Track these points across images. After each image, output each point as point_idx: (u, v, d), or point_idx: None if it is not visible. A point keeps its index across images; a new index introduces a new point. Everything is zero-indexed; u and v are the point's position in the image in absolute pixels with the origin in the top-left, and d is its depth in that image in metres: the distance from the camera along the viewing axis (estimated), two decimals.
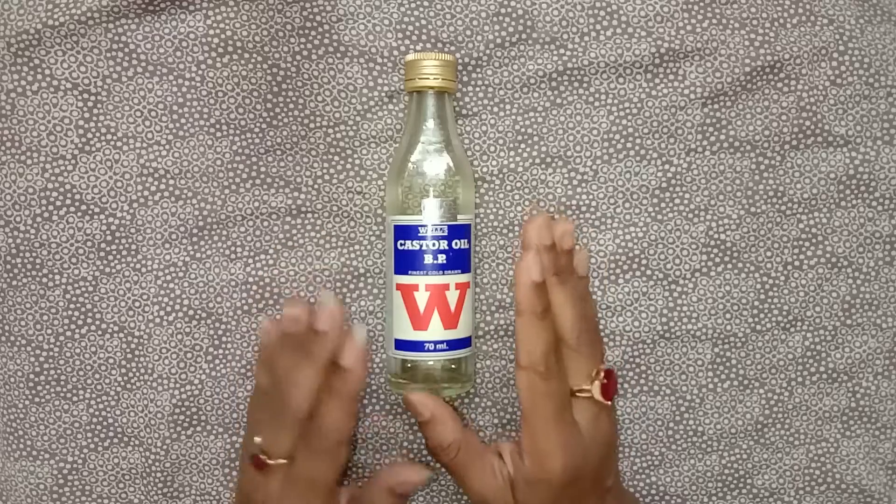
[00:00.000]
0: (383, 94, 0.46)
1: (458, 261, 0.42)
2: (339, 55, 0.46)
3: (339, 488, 0.42)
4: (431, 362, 0.42)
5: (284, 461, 0.39)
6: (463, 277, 0.42)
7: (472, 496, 0.40)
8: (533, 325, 0.37)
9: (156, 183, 0.46)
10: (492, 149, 0.47)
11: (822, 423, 0.49)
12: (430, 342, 0.42)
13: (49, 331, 0.47)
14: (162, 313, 0.47)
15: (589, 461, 0.38)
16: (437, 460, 0.40)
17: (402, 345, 0.42)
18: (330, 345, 0.38)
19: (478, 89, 0.46)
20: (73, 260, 0.47)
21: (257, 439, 0.40)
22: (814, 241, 0.48)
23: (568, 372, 0.39)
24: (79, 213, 0.46)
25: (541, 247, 0.37)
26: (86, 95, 0.46)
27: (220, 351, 0.47)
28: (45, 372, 0.47)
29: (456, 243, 0.42)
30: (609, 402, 0.39)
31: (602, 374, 0.39)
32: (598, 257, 0.47)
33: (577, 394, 0.39)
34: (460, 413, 0.48)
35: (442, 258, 0.42)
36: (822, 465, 0.50)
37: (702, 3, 0.46)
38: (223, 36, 0.46)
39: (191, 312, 0.47)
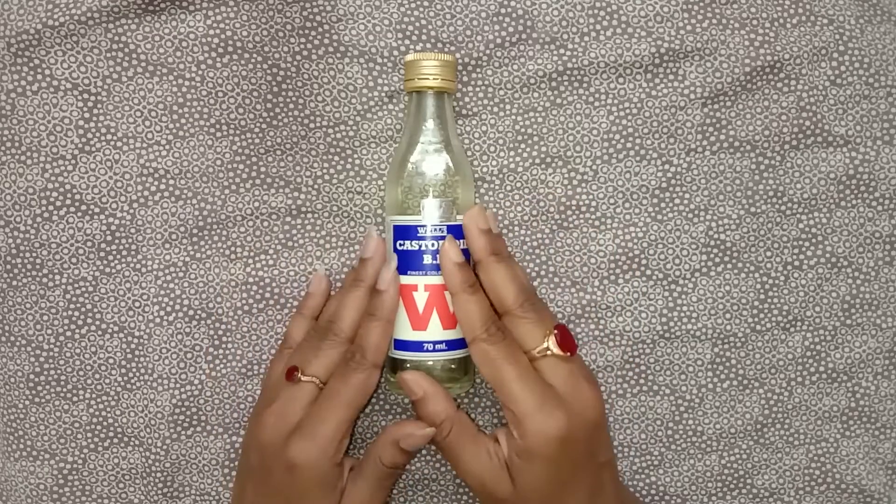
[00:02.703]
0: (383, 94, 0.46)
1: None
2: (339, 55, 0.46)
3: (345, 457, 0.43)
4: (431, 362, 0.42)
5: (315, 380, 0.42)
6: None
7: (468, 479, 0.40)
8: (465, 300, 0.40)
9: (156, 183, 0.46)
10: (492, 149, 0.47)
11: (821, 423, 0.49)
12: (429, 342, 0.42)
13: (49, 331, 0.47)
14: (162, 313, 0.47)
15: (576, 424, 0.38)
16: (432, 442, 0.41)
17: (401, 345, 0.42)
18: (373, 268, 0.43)
19: (478, 89, 0.46)
20: (73, 260, 0.47)
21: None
22: (814, 241, 0.48)
23: (523, 339, 0.40)
24: (79, 213, 0.46)
25: (476, 230, 0.41)
26: (86, 95, 0.46)
27: (220, 351, 0.48)
28: (45, 372, 0.47)
29: None
30: (569, 354, 0.40)
31: (554, 329, 0.40)
32: (597, 257, 0.47)
33: (539, 354, 0.40)
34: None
35: None
36: (821, 465, 0.50)
37: (702, 3, 0.46)
38: (223, 36, 0.46)
39: (191, 312, 0.47)
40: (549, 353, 0.40)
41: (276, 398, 0.42)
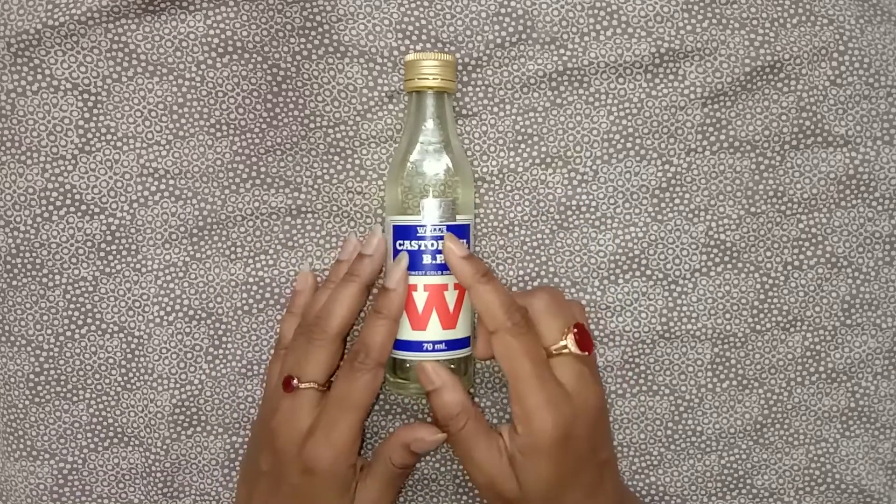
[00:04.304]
0: (383, 94, 0.46)
1: None
2: (339, 55, 0.46)
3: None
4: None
5: (314, 385, 0.41)
6: None
7: (477, 476, 0.40)
8: (483, 290, 0.39)
9: (156, 183, 0.46)
10: (492, 149, 0.47)
11: (821, 423, 0.49)
12: (428, 342, 0.42)
13: (49, 331, 0.47)
14: (162, 313, 0.47)
15: (579, 421, 0.38)
16: (445, 433, 0.40)
17: (400, 345, 0.42)
18: (372, 266, 0.42)
19: (478, 89, 0.46)
20: (73, 260, 0.47)
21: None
22: (814, 241, 0.48)
23: (543, 334, 0.40)
24: (79, 213, 0.46)
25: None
26: (86, 95, 0.46)
27: (220, 351, 0.48)
28: (45, 372, 0.47)
29: None
30: (587, 353, 0.40)
31: (573, 328, 0.40)
32: (597, 257, 0.47)
33: (555, 352, 0.39)
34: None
35: (441, 258, 0.42)
36: (821, 465, 0.50)
37: (702, 3, 0.46)
38: (223, 36, 0.46)
39: (191, 312, 0.47)
40: (566, 350, 0.39)
41: (279, 405, 0.42)
